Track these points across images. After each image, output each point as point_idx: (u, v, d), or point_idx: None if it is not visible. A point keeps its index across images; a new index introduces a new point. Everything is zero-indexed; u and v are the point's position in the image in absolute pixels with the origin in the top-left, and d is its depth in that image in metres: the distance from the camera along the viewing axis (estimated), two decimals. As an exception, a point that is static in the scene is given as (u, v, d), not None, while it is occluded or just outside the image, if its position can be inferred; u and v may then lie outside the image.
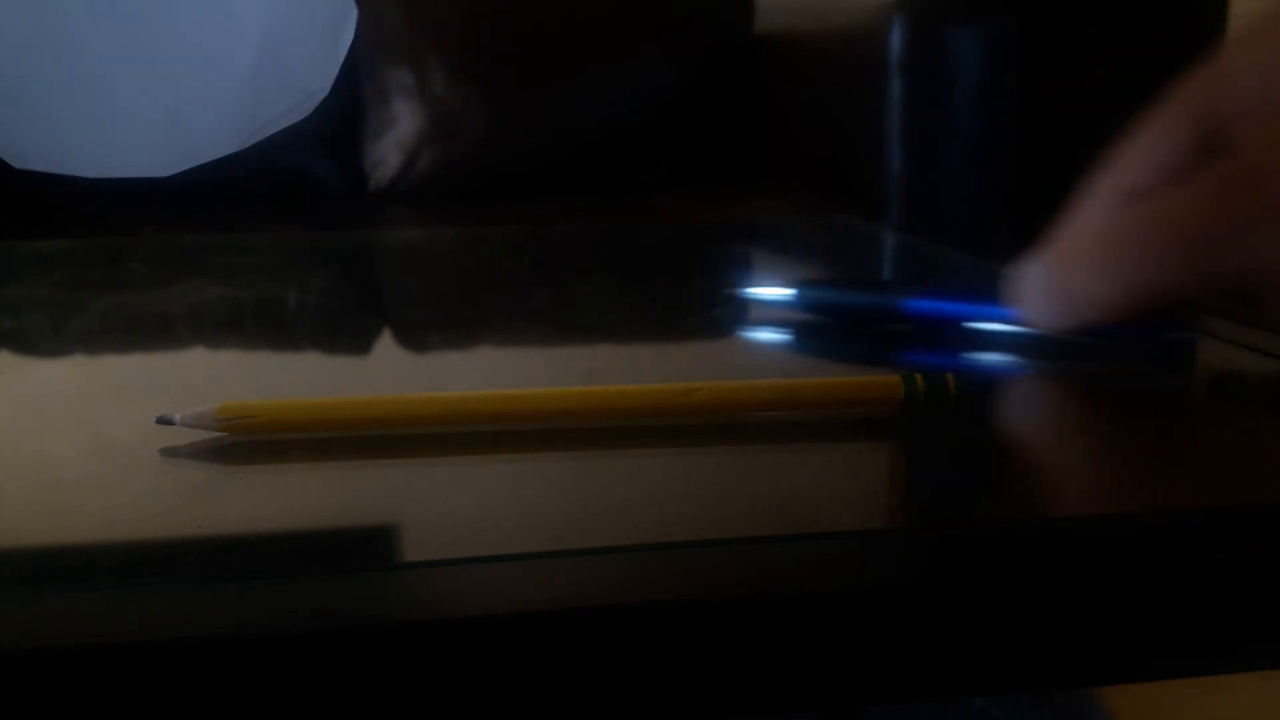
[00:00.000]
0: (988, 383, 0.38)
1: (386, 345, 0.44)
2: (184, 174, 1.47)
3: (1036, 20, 1.33)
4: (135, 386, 0.40)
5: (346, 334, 0.51)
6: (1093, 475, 0.30)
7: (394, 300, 0.60)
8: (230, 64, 0.31)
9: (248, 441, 0.31)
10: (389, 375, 0.42)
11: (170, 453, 0.31)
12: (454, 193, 1.64)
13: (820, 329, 0.43)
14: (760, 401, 0.33)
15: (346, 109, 1.55)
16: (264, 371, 0.44)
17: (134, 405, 0.35)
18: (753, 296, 0.45)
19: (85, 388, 0.40)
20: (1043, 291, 0.35)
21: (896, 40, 1.23)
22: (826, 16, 1.45)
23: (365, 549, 0.26)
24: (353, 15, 0.35)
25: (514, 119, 1.67)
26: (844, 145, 1.36)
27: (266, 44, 0.32)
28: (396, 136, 1.56)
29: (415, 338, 0.48)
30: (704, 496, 0.29)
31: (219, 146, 0.34)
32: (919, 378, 0.33)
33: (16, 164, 0.32)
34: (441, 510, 0.28)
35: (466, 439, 0.32)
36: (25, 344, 0.48)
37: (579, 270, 0.60)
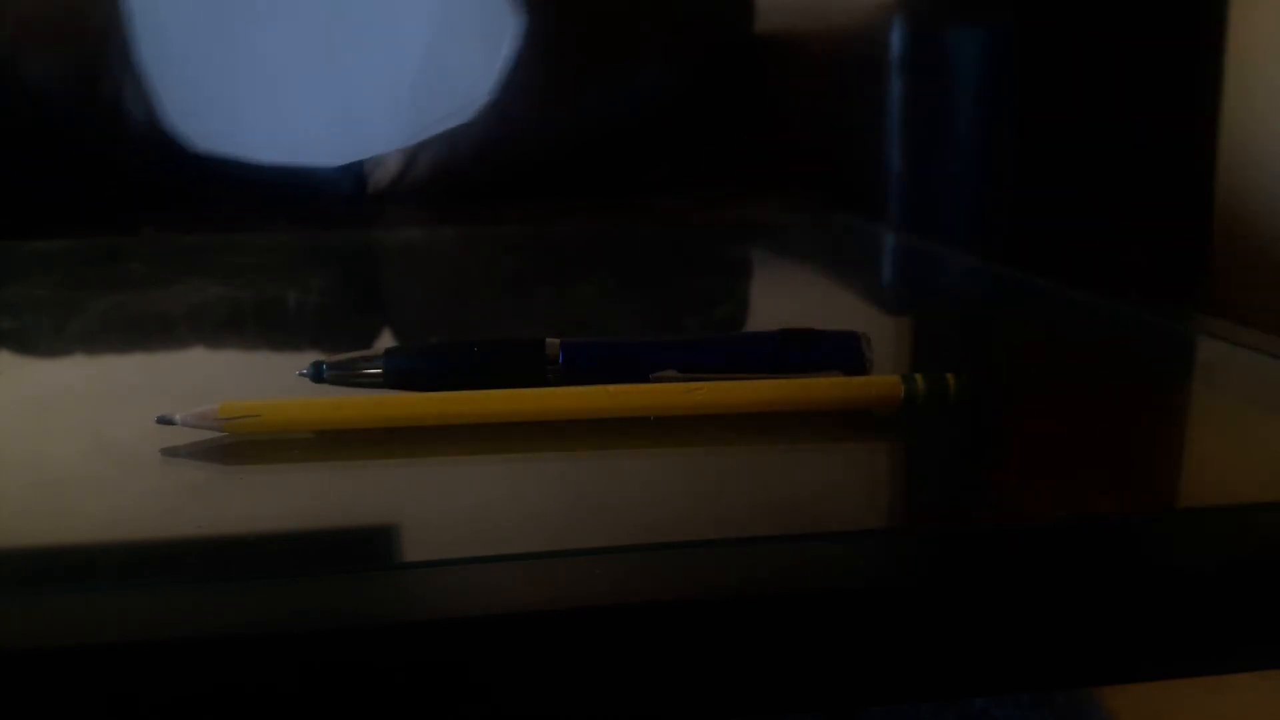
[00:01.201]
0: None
1: (386, 345, 0.44)
2: (183, 173, 1.47)
3: (1037, 20, 1.33)
4: (135, 386, 0.40)
5: (346, 334, 0.51)
6: (1093, 475, 0.30)
7: (394, 300, 0.60)
8: (398, 66, 0.31)
9: (248, 441, 0.31)
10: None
11: (170, 453, 0.30)
12: (454, 193, 1.63)
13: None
14: (760, 401, 0.33)
15: (346, 109, 1.55)
16: (264, 371, 0.44)
17: (134, 405, 0.35)
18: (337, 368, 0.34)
19: (85, 388, 0.40)
20: None
21: (896, 40, 1.23)
22: (826, 16, 1.45)
23: (365, 549, 0.26)
24: (511, 26, 0.35)
25: (514, 119, 1.67)
26: (844, 145, 1.36)
27: (432, 48, 0.32)
28: (396, 136, 1.56)
29: (415, 337, 0.48)
30: (704, 496, 0.29)
31: (386, 142, 0.34)
32: (919, 378, 0.33)
33: (199, 146, 0.32)
34: (441, 510, 0.28)
35: (466, 439, 0.32)
36: (25, 344, 0.48)
37: (579, 270, 0.60)
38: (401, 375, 0.34)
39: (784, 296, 0.53)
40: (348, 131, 0.31)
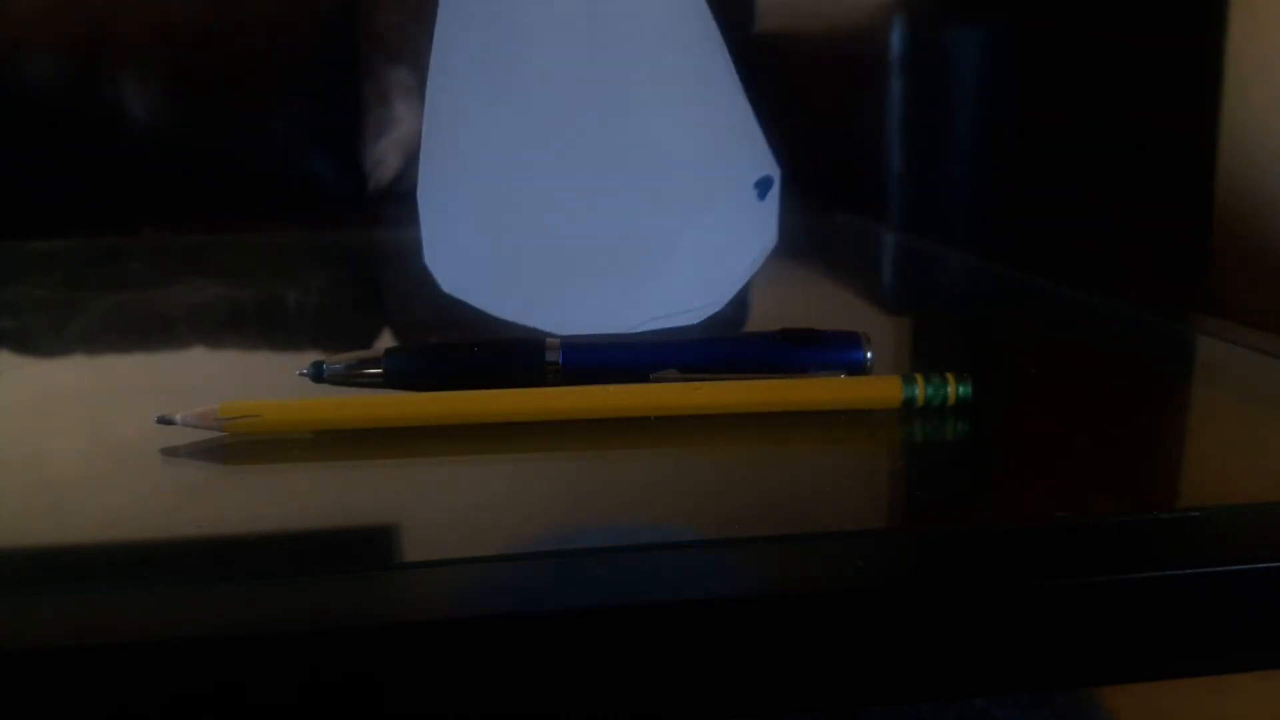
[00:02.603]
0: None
1: (386, 345, 0.44)
2: (183, 173, 1.47)
3: (1037, 20, 1.32)
4: (135, 386, 0.40)
5: (346, 334, 0.51)
6: (1093, 475, 0.30)
7: (394, 300, 0.60)
8: (659, 257, 0.31)
9: (248, 441, 0.31)
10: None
11: (170, 452, 0.30)
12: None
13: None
14: (760, 401, 0.33)
15: (346, 109, 1.55)
16: (264, 371, 0.44)
17: (134, 405, 0.35)
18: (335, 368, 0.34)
19: (85, 388, 0.40)
20: None
21: (896, 40, 1.23)
22: (826, 16, 1.45)
23: (365, 549, 0.26)
24: (768, 243, 0.35)
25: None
26: (844, 145, 1.36)
27: (687, 249, 0.32)
28: (396, 136, 1.56)
29: (415, 337, 0.48)
30: (704, 496, 0.29)
31: (617, 324, 0.35)
32: (919, 378, 0.33)
33: (499, 314, 0.32)
34: (441, 510, 0.28)
35: (466, 439, 0.32)
36: (25, 344, 0.48)
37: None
38: (401, 375, 0.34)
39: (784, 296, 0.53)
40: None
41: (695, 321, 0.32)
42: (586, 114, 0.31)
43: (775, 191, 0.33)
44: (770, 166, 0.33)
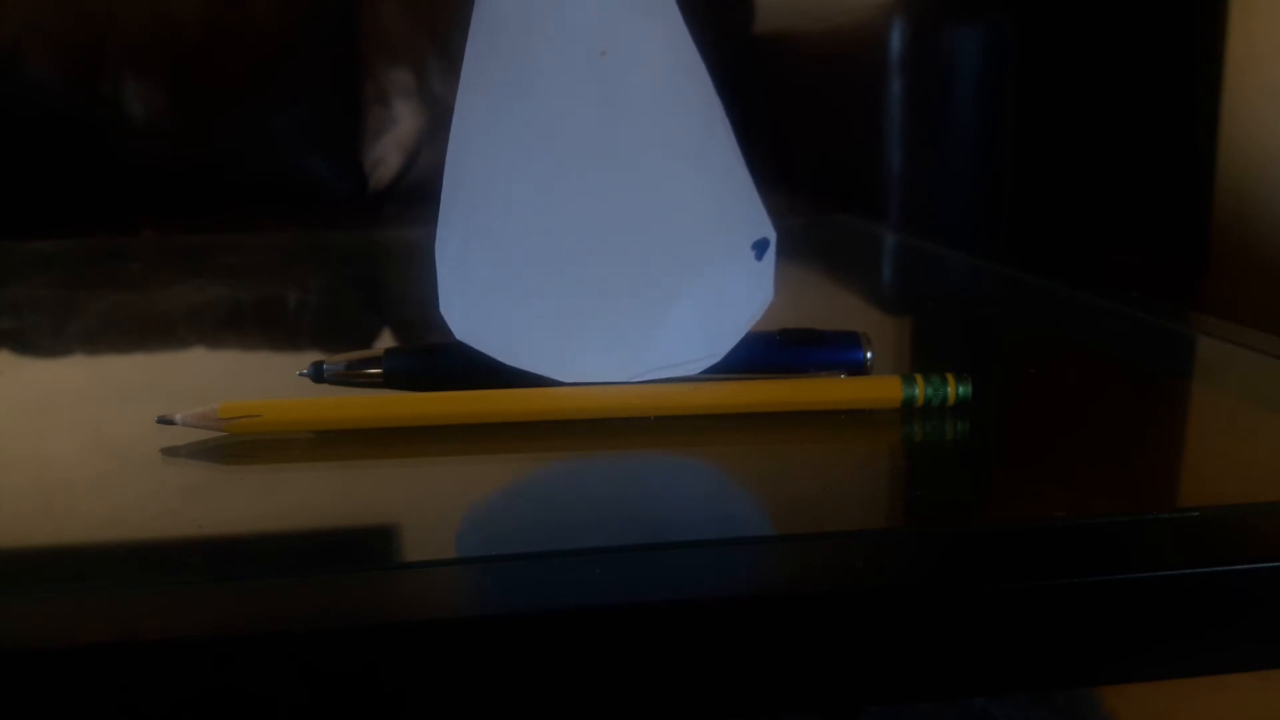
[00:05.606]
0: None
1: (386, 345, 0.44)
2: (183, 173, 1.48)
3: (1035, 20, 1.32)
4: (135, 386, 0.40)
5: (346, 334, 0.51)
6: (1093, 475, 0.30)
7: (394, 300, 0.60)
8: (664, 305, 0.32)
9: (248, 441, 0.31)
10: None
11: (170, 452, 0.31)
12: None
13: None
14: (760, 401, 0.33)
15: (346, 109, 1.55)
16: (264, 371, 0.44)
17: (134, 405, 0.35)
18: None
19: (85, 388, 0.40)
20: None
21: (896, 40, 1.23)
22: (826, 16, 1.45)
23: (365, 549, 0.26)
24: (765, 300, 0.37)
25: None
26: (844, 145, 1.36)
27: (688, 305, 0.33)
28: (396, 136, 1.56)
29: (415, 337, 0.48)
30: (704, 497, 0.29)
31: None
32: (919, 378, 0.33)
33: (509, 360, 0.33)
34: (441, 510, 0.28)
35: (466, 439, 0.32)
36: (25, 344, 0.48)
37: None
38: (401, 375, 0.34)
39: (784, 296, 0.53)
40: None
41: (693, 373, 0.33)
42: (595, 172, 0.32)
43: (772, 252, 0.35)
44: (767, 229, 0.34)
